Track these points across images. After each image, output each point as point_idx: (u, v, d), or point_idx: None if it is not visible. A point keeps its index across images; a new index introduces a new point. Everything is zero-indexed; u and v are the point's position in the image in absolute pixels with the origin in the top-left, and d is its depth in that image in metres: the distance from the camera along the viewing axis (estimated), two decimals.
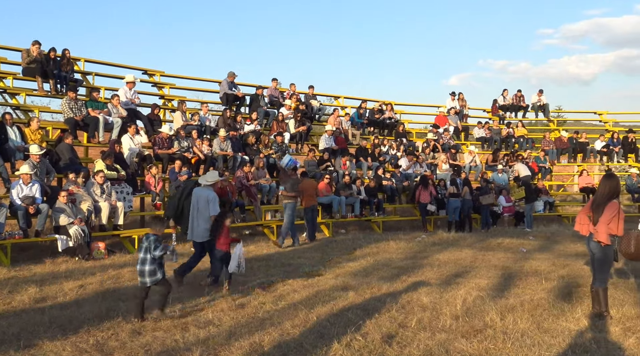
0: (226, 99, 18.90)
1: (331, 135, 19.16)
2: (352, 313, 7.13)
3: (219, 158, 15.84)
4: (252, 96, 19.83)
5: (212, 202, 9.12)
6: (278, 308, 7.49)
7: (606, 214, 6.87)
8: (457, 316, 7.00)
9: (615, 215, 6.85)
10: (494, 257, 11.99)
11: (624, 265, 10.45)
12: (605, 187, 7.06)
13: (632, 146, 23.65)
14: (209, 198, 9.15)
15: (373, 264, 11.04)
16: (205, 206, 9.13)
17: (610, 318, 6.91)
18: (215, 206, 9.17)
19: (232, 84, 19.18)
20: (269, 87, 20.68)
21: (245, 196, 15.60)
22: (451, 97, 24.88)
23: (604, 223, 6.85)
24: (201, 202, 9.18)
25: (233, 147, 16.37)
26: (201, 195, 9.26)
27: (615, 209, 6.87)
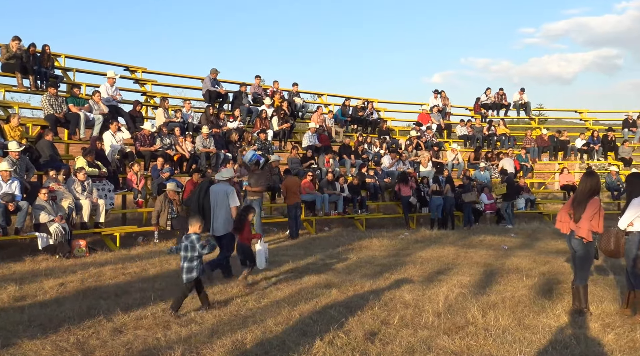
0: (209, 96, 18.81)
1: (314, 132, 19.15)
2: (335, 310, 7.13)
3: (202, 155, 15.76)
4: (235, 93, 19.76)
5: (230, 195, 9.50)
6: (261, 305, 7.48)
7: (588, 211, 6.94)
8: (439, 313, 7.04)
9: (597, 212, 6.93)
10: (476, 254, 12.08)
11: (603, 262, 10.60)
12: (586, 185, 7.14)
13: (611, 145, 23.93)
14: (227, 192, 9.53)
15: (356, 262, 11.06)
16: (224, 200, 9.48)
17: (590, 315, 7.00)
18: (234, 198, 9.52)
19: (215, 81, 19.09)
20: (252, 85, 20.62)
21: None
22: (434, 95, 24.99)
23: (587, 219, 6.93)
24: (219, 197, 9.56)
25: (216, 144, 16.29)
26: (219, 190, 9.67)
27: (597, 207, 6.95)
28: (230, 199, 9.48)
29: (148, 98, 18.84)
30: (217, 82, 19.18)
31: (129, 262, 10.65)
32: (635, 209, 6.95)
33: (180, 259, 7.29)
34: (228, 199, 9.47)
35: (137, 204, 14.26)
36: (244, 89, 19.67)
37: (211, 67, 19.03)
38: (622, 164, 22.96)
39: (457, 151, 21.47)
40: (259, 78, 20.92)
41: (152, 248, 12.54)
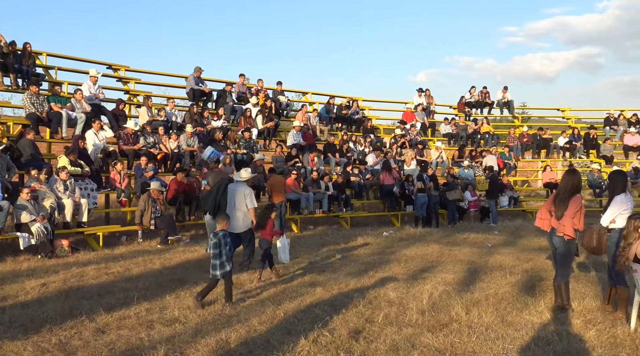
0: (193, 95, 18.71)
1: (299, 131, 19.14)
2: (320, 308, 7.14)
3: (186, 154, 15.69)
4: (219, 91, 19.68)
5: (248, 196, 9.95)
6: (245, 304, 7.46)
7: (571, 209, 7.00)
8: (423, 310, 7.06)
9: (579, 210, 6.99)
10: (460, 252, 12.15)
11: (585, 259, 10.72)
12: (567, 182, 7.20)
13: (593, 142, 24.18)
14: (245, 193, 9.97)
15: (341, 260, 11.08)
16: (242, 200, 9.91)
17: (572, 311, 7.06)
18: (252, 199, 10.01)
19: (199, 80, 19.00)
20: (237, 83, 20.55)
21: None
22: (418, 94, 25.09)
23: (569, 217, 6.98)
24: (238, 197, 9.96)
25: (200, 143, 16.22)
26: (237, 190, 10.06)
27: (579, 204, 7.01)
28: (248, 200, 9.94)
29: (131, 96, 18.71)
30: (201, 80, 19.09)
31: (112, 262, 10.57)
32: (617, 206, 7.02)
33: (212, 256, 7.56)
34: (246, 200, 9.90)
35: (121, 203, 14.17)
36: (228, 88, 19.60)
37: (195, 66, 18.94)
38: (603, 161, 23.21)
39: (441, 149, 21.56)
40: (243, 76, 20.86)
41: (135, 248, 12.45)
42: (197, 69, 18.93)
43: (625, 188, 7.19)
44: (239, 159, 16.95)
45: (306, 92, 24.63)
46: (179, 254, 11.51)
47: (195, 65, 19.02)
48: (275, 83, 21.48)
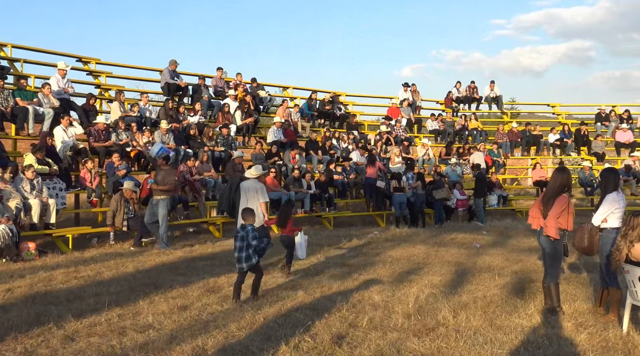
0: (168, 89, 18.58)
1: (280, 127, 19.10)
2: (301, 313, 7.13)
3: None
4: (196, 86, 19.56)
5: (260, 191, 10.73)
6: (223, 309, 7.42)
7: (556, 208, 7.06)
8: (409, 314, 7.08)
9: (565, 209, 7.04)
10: (447, 253, 12.20)
11: (576, 260, 10.82)
12: (555, 181, 7.26)
13: (584, 139, 24.35)
14: (257, 188, 10.77)
15: (324, 262, 11.08)
16: (255, 196, 10.68)
17: (563, 314, 7.12)
18: (264, 195, 10.81)
19: (174, 73, 18.86)
20: (214, 77, 20.45)
21: (188, 191, 15.42)
22: (404, 89, 25.15)
23: (553, 217, 7.05)
24: (250, 193, 10.73)
25: (175, 140, 16.11)
26: (249, 187, 10.85)
27: (565, 203, 7.06)
28: (260, 195, 10.77)
29: (102, 91, 18.52)
30: (176, 74, 18.96)
31: (82, 265, 10.46)
32: (609, 205, 7.09)
33: (235, 249, 8.02)
34: (258, 195, 10.68)
35: (91, 203, 14.03)
36: (201, 82, 19.48)
37: (170, 59, 18.80)
38: (595, 159, 23.40)
39: (427, 146, 21.66)
40: (221, 70, 20.76)
41: (107, 250, 12.34)
42: (173, 62, 18.80)
43: (617, 186, 7.26)
44: (216, 156, 16.88)
45: (287, 86, 24.58)
46: (153, 257, 11.42)
47: (171, 58, 18.90)
48: (253, 78, 21.38)
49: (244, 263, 7.93)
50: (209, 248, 12.81)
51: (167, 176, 12.61)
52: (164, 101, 18.04)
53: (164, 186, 12.52)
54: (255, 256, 7.96)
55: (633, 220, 6.47)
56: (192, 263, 10.88)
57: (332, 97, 23.07)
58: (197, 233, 15.22)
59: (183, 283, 8.97)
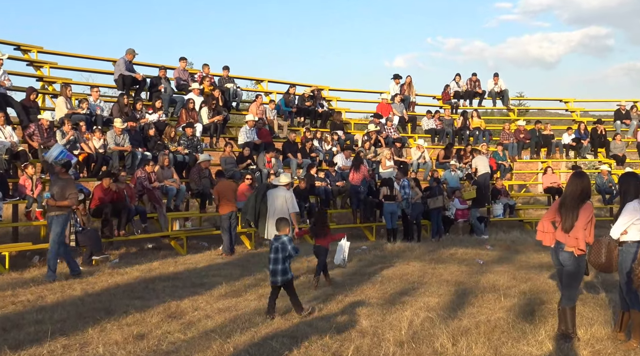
0: (122, 82, 18.48)
1: (253, 126, 19.07)
2: (277, 341, 7.11)
3: (114, 155, 15.49)
4: (155, 78, 19.49)
5: (289, 200, 11.60)
6: (187, 338, 7.38)
7: (582, 219, 7.06)
8: (401, 342, 7.09)
9: (591, 220, 7.08)
10: (446, 271, 12.24)
11: (593, 278, 10.90)
12: (577, 187, 7.24)
13: (602, 139, 24.55)
14: (287, 197, 11.65)
15: (304, 283, 11.06)
16: (283, 205, 11.54)
17: (578, 340, 7.16)
18: (294, 204, 11.74)
19: (131, 65, 18.78)
20: (177, 68, 20.39)
21: (147, 201, 15.33)
22: (395, 81, 25.25)
23: (581, 228, 7.03)
24: (278, 202, 11.67)
25: (131, 141, 16.03)
26: (277, 195, 11.81)
27: (591, 212, 7.10)
28: (290, 205, 11.64)
29: (45, 84, 18.39)
30: (133, 65, 18.88)
31: (21, 288, 10.34)
32: (629, 214, 7.10)
33: (269, 261, 8.47)
34: (287, 205, 11.50)
35: (32, 215, 13.90)
36: (164, 74, 19.41)
37: (127, 48, 18.70)
38: (614, 162, 23.64)
39: (423, 148, 21.73)
40: (184, 61, 20.69)
41: None
42: (130, 51, 18.73)
43: (638, 193, 7.28)
44: (179, 160, 16.82)
45: (261, 79, 24.57)
46: (104, 278, 11.33)
47: (127, 46, 18.83)
48: (223, 68, 21.36)
49: (279, 276, 8.39)
50: (171, 267, 12.74)
51: (67, 188, 11.46)
52: (118, 96, 17.95)
53: (63, 201, 11.34)
54: (291, 272, 8.53)
55: None
56: (151, 284, 10.81)
57: (313, 92, 23.10)
58: (156, 249, 15.13)
59: (140, 307, 8.91)
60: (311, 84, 24.04)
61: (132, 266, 12.56)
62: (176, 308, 8.91)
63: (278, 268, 8.37)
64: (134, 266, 12.57)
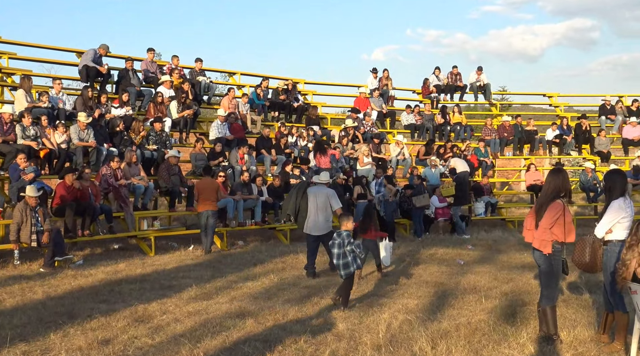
0: (87, 74, 18.30)
1: (224, 121, 19.00)
2: (250, 346, 7.11)
3: (78, 151, 15.34)
4: (121, 70, 19.34)
5: (332, 197, 12.17)
6: (154, 342, 7.36)
7: (547, 217, 7.16)
8: (379, 345, 7.12)
9: (559, 217, 7.14)
10: (426, 271, 12.31)
11: (577, 278, 11.03)
12: (549, 185, 7.36)
13: (586, 135, 24.77)
14: (329, 194, 12.20)
15: (278, 284, 11.07)
16: (325, 202, 12.06)
17: (560, 342, 7.24)
18: (337, 201, 12.22)
19: (100, 58, 18.58)
20: (144, 60, 20.25)
21: (112, 199, 15.22)
22: (373, 75, 25.31)
23: (545, 227, 7.15)
24: (320, 199, 12.12)
25: (96, 136, 15.90)
26: (319, 193, 12.25)
27: (559, 211, 7.14)
28: (333, 201, 12.12)
29: (4, 76, 18.20)
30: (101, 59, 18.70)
31: None
32: (614, 213, 7.16)
33: (333, 257, 9.34)
34: (330, 202, 12.06)
35: None
36: (131, 66, 19.27)
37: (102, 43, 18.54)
38: (598, 159, 23.88)
39: (402, 144, 21.81)
40: (152, 52, 20.55)
41: (10, 272, 12.08)
42: (104, 47, 18.61)
43: (624, 190, 7.34)
44: (147, 157, 16.71)
45: (234, 72, 24.50)
46: (68, 280, 11.23)
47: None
48: (194, 60, 21.29)
49: (346, 269, 9.18)
50: (138, 269, 12.67)
51: None
52: (82, 88, 17.78)
53: None
54: (354, 265, 9.22)
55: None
56: (117, 286, 10.74)
57: (288, 86, 23.08)
58: (123, 250, 15.04)
59: (105, 311, 8.86)
60: (286, 77, 24.03)
61: (96, 267, 12.46)
62: (143, 312, 8.87)
63: (340, 262, 9.21)
64: (99, 267, 12.48)
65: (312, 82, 25.64)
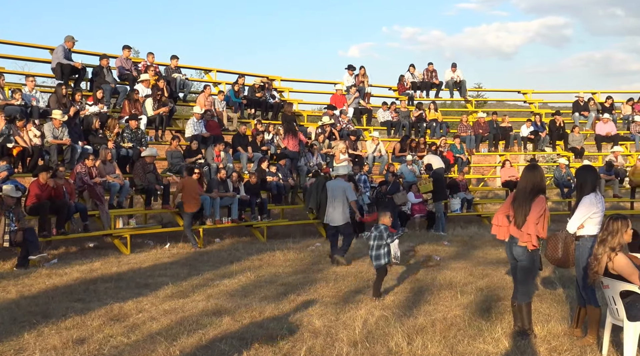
0: (61, 72, 18.14)
1: (200, 119, 18.93)
2: (226, 343, 7.12)
3: (52, 149, 15.21)
4: (96, 68, 19.17)
5: (348, 190, 13.31)
6: (130, 341, 7.33)
7: (534, 213, 7.21)
8: (355, 342, 7.15)
9: (543, 214, 7.23)
10: (402, 267, 12.37)
11: (551, 273, 11.15)
12: (527, 181, 7.42)
13: (560, 132, 25.00)
14: (345, 188, 13.31)
15: (254, 282, 11.07)
16: (342, 195, 13.15)
17: (535, 337, 7.32)
18: (352, 193, 13.44)
19: (70, 53, 18.44)
20: (119, 57, 20.10)
21: (87, 197, 15.10)
22: (349, 72, 25.31)
23: (532, 222, 7.18)
24: (338, 192, 13.23)
25: (71, 134, 15.76)
26: (336, 186, 13.43)
27: (543, 206, 7.24)
28: (349, 194, 13.27)
29: None
30: (72, 54, 18.54)
31: None
32: (586, 208, 7.25)
33: (370, 249, 9.91)
34: (346, 194, 13.16)
35: None
36: (106, 63, 19.12)
37: (66, 35, 18.37)
38: (572, 155, 24.11)
39: (377, 140, 21.87)
40: (128, 49, 20.41)
41: None
42: (69, 38, 18.38)
43: (595, 186, 7.44)
44: (122, 154, 16.60)
45: (209, 69, 24.40)
46: (42, 280, 11.13)
47: (67, 33, 18.46)
48: (170, 58, 21.16)
49: (377, 261, 9.84)
50: (114, 267, 12.60)
51: None
52: (56, 86, 17.61)
53: None
54: (386, 258, 9.86)
55: (612, 224, 6.68)
56: (92, 285, 10.68)
57: (264, 83, 23.03)
58: (98, 249, 14.96)
59: (80, 310, 8.80)
60: (262, 75, 23.99)
61: (71, 266, 12.38)
62: (119, 310, 8.82)
63: (372, 254, 9.89)
64: (74, 266, 12.39)
65: (288, 79, 25.67)
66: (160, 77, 19.95)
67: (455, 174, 21.87)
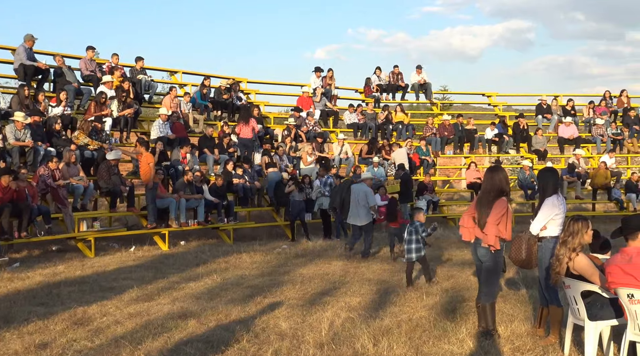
0: (23, 72, 17.87)
1: (166, 120, 18.80)
2: (192, 347, 7.08)
3: (14, 151, 14.99)
4: (57, 68, 18.93)
5: (369, 194, 14.57)
6: (94, 345, 7.27)
7: (494, 214, 7.29)
8: (322, 344, 7.16)
9: (504, 215, 7.30)
10: (368, 269, 12.45)
11: (515, 274, 11.29)
12: (489, 183, 7.50)
13: (523, 134, 25.30)
14: (367, 192, 14.51)
15: (220, 284, 11.06)
16: (364, 199, 14.36)
17: (498, 337, 7.40)
18: (372, 197, 14.80)
19: (32, 52, 18.19)
20: (83, 58, 19.88)
21: (51, 200, 14.91)
22: (316, 74, 25.33)
23: (493, 224, 7.26)
24: (360, 195, 14.43)
25: (33, 136, 15.54)
26: (359, 190, 14.58)
27: (504, 208, 7.32)
28: (370, 198, 14.49)
29: None
30: (34, 53, 18.29)
31: None
32: (548, 210, 7.35)
33: (405, 242, 11.06)
34: (368, 198, 14.38)
35: None
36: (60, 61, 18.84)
37: (26, 33, 18.10)
38: (536, 157, 24.40)
39: (342, 141, 21.92)
40: (92, 50, 20.19)
41: None
42: (29, 37, 18.10)
43: (556, 188, 7.55)
44: (87, 157, 16.42)
45: (175, 71, 24.26)
46: (3, 283, 11.01)
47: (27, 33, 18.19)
48: (135, 59, 20.98)
49: (413, 254, 10.87)
50: (78, 270, 12.48)
51: None
52: (18, 87, 17.36)
53: None
54: (424, 250, 11.03)
55: (573, 225, 6.78)
56: (55, 289, 10.56)
57: (231, 85, 22.94)
58: (62, 252, 14.79)
59: (43, 314, 8.70)
60: (228, 76, 23.90)
61: (34, 270, 12.24)
62: (83, 314, 8.74)
63: (412, 247, 10.85)
64: (37, 270, 12.26)
65: (254, 81, 25.57)
66: (125, 79, 19.79)
67: (421, 176, 22.02)
